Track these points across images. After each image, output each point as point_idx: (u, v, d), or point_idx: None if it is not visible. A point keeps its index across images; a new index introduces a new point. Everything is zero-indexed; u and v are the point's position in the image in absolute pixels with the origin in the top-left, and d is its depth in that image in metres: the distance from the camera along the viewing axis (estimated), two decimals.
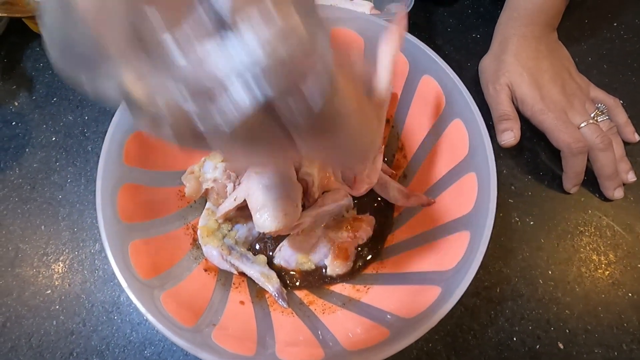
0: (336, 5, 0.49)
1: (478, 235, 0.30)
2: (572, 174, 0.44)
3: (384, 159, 0.43)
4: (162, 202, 0.38)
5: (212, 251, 0.38)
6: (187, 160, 0.40)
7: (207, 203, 0.41)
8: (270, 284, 0.37)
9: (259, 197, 0.34)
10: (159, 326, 0.28)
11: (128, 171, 0.34)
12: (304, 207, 0.38)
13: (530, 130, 0.49)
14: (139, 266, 0.31)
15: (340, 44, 0.17)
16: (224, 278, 0.38)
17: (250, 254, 0.39)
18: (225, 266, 0.38)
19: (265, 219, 0.33)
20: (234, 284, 0.38)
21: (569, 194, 0.46)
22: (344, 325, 0.34)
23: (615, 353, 0.40)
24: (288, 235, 0.40)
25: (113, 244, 0.30)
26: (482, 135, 0.33)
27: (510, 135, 0.45)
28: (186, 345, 0.27)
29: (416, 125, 0.40)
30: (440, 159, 0.37)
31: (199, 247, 0.39)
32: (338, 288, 0.39)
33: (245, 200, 0.36)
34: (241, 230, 0.40)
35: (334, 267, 0.39)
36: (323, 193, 0.40)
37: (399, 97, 0.41)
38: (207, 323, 0.31)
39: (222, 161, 0.40)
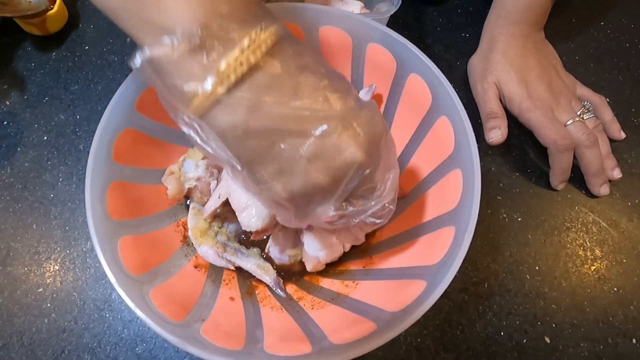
0: (328, 5, 0.49)
1: (462, 230, 0.31)
2: (558, 171, 0.45)
3: None
4: (152, 200, 0.38)
5: (208, 251, 0.38)
6: (176, 159, 0.41)
7: (191, 202, 0.41)
8: (268, 275, 0.38)
9: (241, 196, 0.35)
10: (147, 320, 0.28)
11: (117, 169, 0.35)
12: None
13: (518, 128, 0.49)
14: (128, 262, 0.31)
15: None
16: (214, 274, 0.38)
17: (244, 248, 0.40)
18: (222, 263, 0.38)
19: (251, 218, 0.34)
20: (224, 280, 0.38)
21: (556, 190, 0.47)
22: (332, 320, 0.34)
23: (601, 347, 0.41)
24: (269, 236, 0.40)
25: (102, 240, 0.31)
26: (467, 133, 0.33)
27: (497, 133, 0.46)
28: (174, 340, 0.28)
29: (403, 123, 0.41)
30: (427, 156, 0.38)
31: (189, 244, 0.39)
32: (327, 284, 0.39)
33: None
34: (231, 225, 0.40)
35: None
36: None
37: (386, 95, 0.41)
38: (196, 318, 0.32)
39: (202, 158, 0.40)
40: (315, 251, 0.37)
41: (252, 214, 0.34)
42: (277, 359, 0.29)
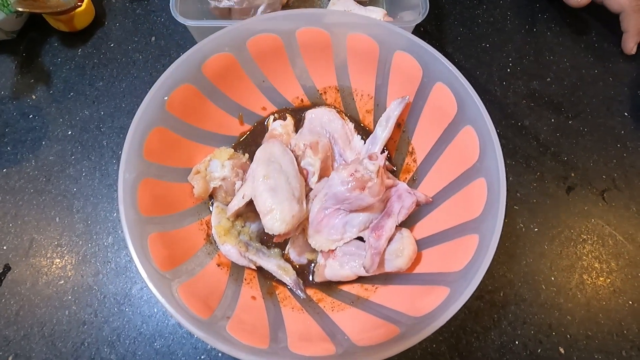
0: (351, 11, 0.50)
1: (487, 239, 0.31)
2: (634, 31, 0.52)
3: (390, 160, 0.45)
4: (178, 198, 0.39)
5: (231, 249, 0.39)
6: (201, 159, 0.41)
7: (215, 201, 0.42)
8: (288, 275, 0.38)
9: (267, 200, 0.35)
10: (177, 317, 0.29)
11: (148, 166, 0.35)
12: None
13: (537, 140, 0.50)
14: (157, 258, 0.32)
15: None
16: (236, 273, 0.39)
17: (265, 248, 0.40)
18: (243, 262, 0.39)
19: (275, 222, 0.35)
20: (245, 279, 0.39)
21: (572, 202, 0.47)
22: (353, 322, 0.35)
23: (615, 359, 0.41)
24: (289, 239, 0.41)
25: (133, 235, 0.31)
26: (492, 142, 0.34)
27: None
28: (203, 336, 0.28)
29: (427, 131, 0.41)
30: (450, 164, 0.38)
31: (212, 242, 0.40)
32: (346, 287, 0.39)
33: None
34: (253, 225, 0.41)
35: None
36: None
37: (411, 102, 0.42)
38: (222, 316, 0.32)
39: (228, 158, 0.41)
40: (331, 276, 0.39)
41: (276, 217, 0.35)
42: (303, 359, 0.29)
